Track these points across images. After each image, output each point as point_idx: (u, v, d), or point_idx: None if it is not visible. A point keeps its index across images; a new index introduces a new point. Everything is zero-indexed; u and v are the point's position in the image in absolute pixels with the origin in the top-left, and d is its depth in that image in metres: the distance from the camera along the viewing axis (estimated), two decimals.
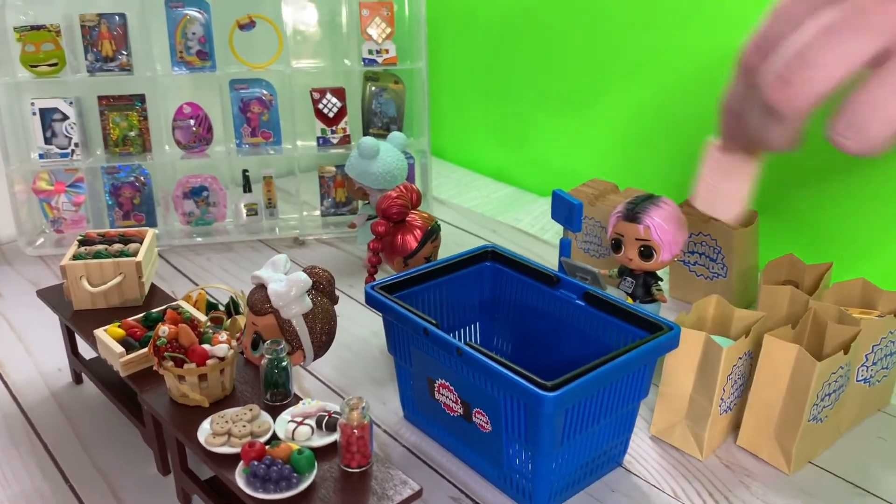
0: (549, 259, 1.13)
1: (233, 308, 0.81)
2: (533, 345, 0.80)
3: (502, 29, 1.44)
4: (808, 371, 0.68)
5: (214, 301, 0.81)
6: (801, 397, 0.69)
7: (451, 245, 1.15)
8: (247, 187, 1.24)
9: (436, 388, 0.70)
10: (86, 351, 0.84)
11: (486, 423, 0.65)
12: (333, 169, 1.25)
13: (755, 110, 0.39)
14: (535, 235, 1.24)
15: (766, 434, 0.72)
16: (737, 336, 0.74)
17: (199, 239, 1.21)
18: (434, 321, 0.66)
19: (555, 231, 1.26)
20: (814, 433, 0.71)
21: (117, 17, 1.14)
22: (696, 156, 0.67)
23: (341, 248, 1.20)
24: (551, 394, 0.56)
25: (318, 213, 1.28)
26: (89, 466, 0.73)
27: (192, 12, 1.16)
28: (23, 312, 1.01)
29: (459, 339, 0.76)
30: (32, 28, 1.11)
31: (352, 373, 0.87)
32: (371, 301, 0.73)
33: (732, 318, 0.76)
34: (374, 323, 0.97)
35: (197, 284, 1.08)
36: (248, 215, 1.24)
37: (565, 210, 0.81)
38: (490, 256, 0.81)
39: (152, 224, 1.22)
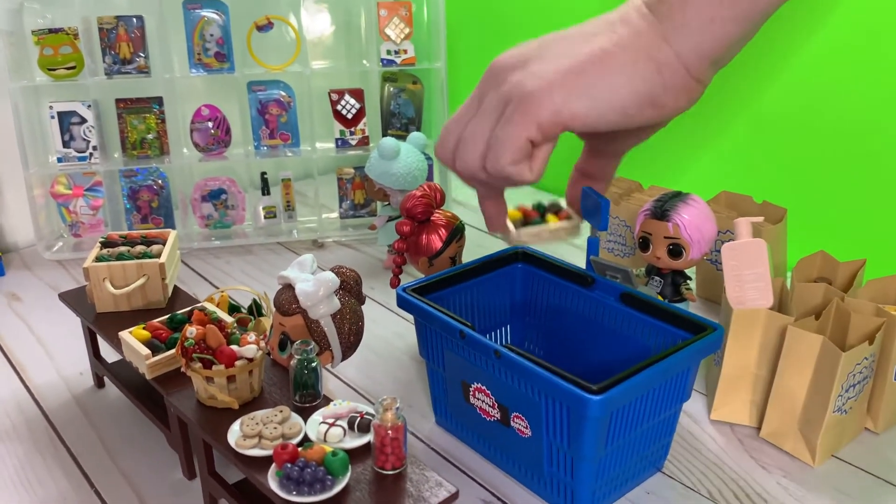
0: (572, 260, 1.12)
1: (255, 310, 0.80)
2: (566, 347, 0.78)
3: (520, 28, 1.43)
4: (832, 362, 0.66)
5: (236, 303, 0.80)
6: (825, 388, 0.68)
7: (472, 246, 1.13)
8: (265, 190, 1.23)
9: (471, 393, 0.68)
10: (108, 354, 0.83)
11: (526, 428, 0.63)
12: (352, 171, 1.24)
13: None
14: None
15: (790, 426, 0.71)
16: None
17: (217, 242, 1.21)
18: (469, 324, 0.65)
19: None
20: (838, 425, 0.70)
21: (135, 20, 1.14)
22: (713, 154, 0.66)
23: (360, 251, 1.19)
24: (597, 397, 0.55)
25: (336, 215, 1.27)
26: (114, 471, 0.72)
27: (209, 14, 1.15)
28: (42, 316, 1.00)
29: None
30: (50, 31, 1.11)
31: (376, 375, 0.86)
32: (403, 304, 0.71)
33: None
34: (396, 324, 0.96)
35: (217, 287, 1.07)
36: (266, 218, 1.23)
37: (592, 207, 0.79)
38: (521, 258, 0.80)
39: (170, 227, 1.21)
